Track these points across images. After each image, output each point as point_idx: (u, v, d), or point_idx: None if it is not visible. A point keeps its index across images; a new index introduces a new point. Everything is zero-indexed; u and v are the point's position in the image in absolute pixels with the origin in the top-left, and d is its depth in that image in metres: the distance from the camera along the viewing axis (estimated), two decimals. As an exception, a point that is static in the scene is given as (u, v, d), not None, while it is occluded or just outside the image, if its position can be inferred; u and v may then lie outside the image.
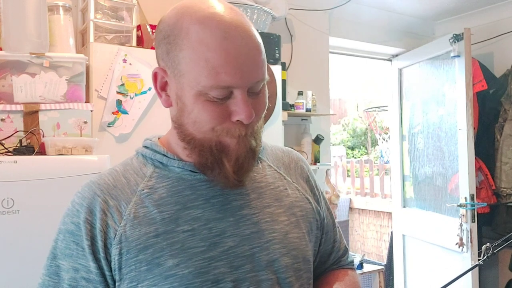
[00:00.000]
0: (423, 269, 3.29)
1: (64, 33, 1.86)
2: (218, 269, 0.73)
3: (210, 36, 0.69)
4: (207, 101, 0.72)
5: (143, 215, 0.75)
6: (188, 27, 0.71)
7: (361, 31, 3.32)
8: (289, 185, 0.87)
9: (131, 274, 0.72)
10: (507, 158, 3.10)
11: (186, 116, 0.74)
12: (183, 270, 0.72)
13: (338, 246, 0.96)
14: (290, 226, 0.82)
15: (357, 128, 11.89)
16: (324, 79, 3.08)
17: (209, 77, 0.70)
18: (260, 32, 2.39)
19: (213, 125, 0.73)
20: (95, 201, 0.76)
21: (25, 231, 1.40)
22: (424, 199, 3.32)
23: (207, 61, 0.69)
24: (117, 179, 0.79)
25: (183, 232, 0.74)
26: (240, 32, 0.71)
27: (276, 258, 0.78)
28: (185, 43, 0.71)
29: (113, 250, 0.73)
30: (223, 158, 0.74)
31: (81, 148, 1.63)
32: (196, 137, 0.75)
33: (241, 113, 0.71)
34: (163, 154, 0.80)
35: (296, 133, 2.88)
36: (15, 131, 1.64)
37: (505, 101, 3.17)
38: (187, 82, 0.72)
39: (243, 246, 0.76)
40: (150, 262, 0.72)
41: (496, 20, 3.36)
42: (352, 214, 6.18)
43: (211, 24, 0.70)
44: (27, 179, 1.43)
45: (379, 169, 7.26)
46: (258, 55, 0.73)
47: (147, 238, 0.73)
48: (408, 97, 3.52)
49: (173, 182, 0.78)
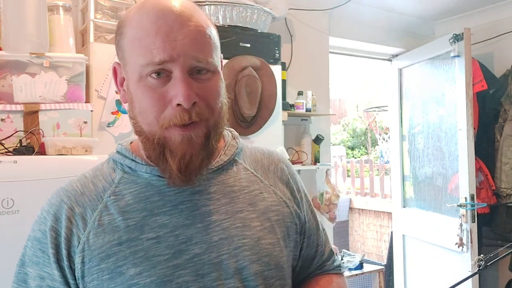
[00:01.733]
0: (423, 269, 3.29)
1: (64, 33, 1.86)
2: (182, 277, 0.71)
3: (146, 18, 0.70)
4: (147, 86, 0.70)
5: (108, 222, 0.73)
6: (132, 15, 0.73)
7: (361, 31, 3.32)
8: (265, 189, 0.83)
9: (93, 282, 0.71)
10: (507, 158, 3.10)
11: (134, 106, 0.73)
12: (145, 279, 0.70)
13: (322, 250, 0.92)
14: (263, 232, 0.78)
15: (357, 128, 11.89)
16: (324, 79, 3.08)
17: (143, 55, 0.69)
18: (260, 32, 2.39)
19: (155, 114, 0.70)
20: (61, 208, 0.75)
21: (25, 231, 1.39)
22: (424, 199, 3.32)
23: (141, 41, 0.70)
24: (85, 185, 0.78)
25: (147, 240, 0.72)
26: (176, 13, 0.70)
27: (245, 265, 0.74)
28: (127, 30, 0.73)
29: (76, 258, 0.72)
30: (166, 154, 0.71)
31: (81, 148, 1.63)
32: (144, 130, 0.73)
33: (179, 95, 0.68)
34: (132, 159, 0.79)
35: (296, 133, 2.88)
36: (15, 131, 1.64)
37: (505, 101, 3.17)
38: (130, 68, 0.72)
39: (211, 253, 0.73)
40: (112, 270, 0.71)
41: (496, 20, 3.36)
42: (352, 214, 6.18)
43: (149, 9, 0.71)
44: (27, 179, 1.43)
45: (379, 169, 7.25)
46: (196, 33, 0.70)
47: (110, 246, 0.72)
48: (408, 97, 3.52)
49: (141, 188, 0.76)
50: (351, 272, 2.97)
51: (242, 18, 2.28)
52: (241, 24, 2.29)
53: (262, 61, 2.30)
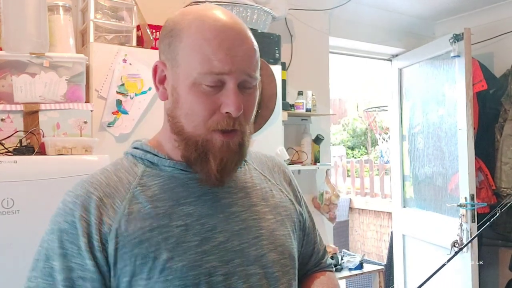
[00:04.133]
0: (423, 269, 3.28)
1: (64, 33, 1.86)
2: (210, 262, 0.75)
3: (208, 28, 0.75)
4: (200, 92, 0.75)
5: (138, 210, 0.77)
6: (190, 22, 0.77)
7: (361, 31, 3.32)
8: (273, 187, 0.91)
9: (126, 268, 0.73)
10: (507, 158, 3.10)
11: (179, 107, 0.78)
12: (177, 263, 0.74)
13: (318, 248, 1.00)
14: (276, 224, 0.85)
15: (357, 128, 11.89)
16: (324, 79, 3.08)
17: (202, 64, 0.74)
18: (260, 32, 2.39)
19: (204, 118, 0.76)
20: (89, 199, 0.76)
21: (25, 231, 1.40)
22: (424, 199, 3.32)
23: (202, 49, 0.74)
24: (109, 177, 0.80)
25: (176, 227, 0.76)
26: (235, 29, 0.77)
27: (264, 253, 0.81)
28: (185, 34, 0.76)
29: (109, 245, 0.74)
30: (209, 155, 0.77)
31: (81, 148, 1.63)
32: (185, 130, 0.78)
33: (230, 104, 0.75)
34: (154, 154, 0.83)
35: (296, 133, 2.88)
36: (15, 131, 1.64)
37: (505, 101, 3.17)
38: (183, 72, 0.76)
39: (233, 241, 0.79)
40: (145, 256, 0.73)
41: (496, 20, 3.36)
42: (352, 214, 6.18)
43: (210, 21, 0.76)
44: (27, 179, 1.43)
45: (379, 169, 7.25)
46: (251, 50, 0.78)
47: (143, 232, 0.75)
48: (408, 97, 3.52)
49: (165, 180, 0.80)
50: (351, 272, 2.96)
51: (242, 18, 2.28)
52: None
53: (262, 61, 2.30)
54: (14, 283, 1.36)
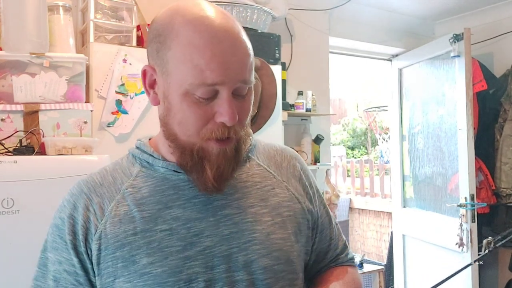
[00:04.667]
0: (423, 269, 3.29)
1: (64, 33, 1.86)
2: (192, 268, 0.74)
3: (198, 37, 0.71)
4: (193, 102, 0.73)
5: (124, 213, 0.77)
6: (178, 28, 0.73)
7: (361, 31, 3.32)
8: (278, 184, 0.86)
9: (108, 269, 0.75)
10: (507, 158, 3.10)
11: (172, 116, 0.76)
12: (157, 268, 0.73)
13: (336, 244, 0.95)
14: (274, 227, 0.81)
15: (357, 128, 11.90)
16: (324, 79, 3.08)
17: (195, 76, 0.71)
18: (260, 32, 2.39)
19: (198, 127, 0.74)
20: (80, 198, 0.79)
21: (25, 231, 1.40)
22: (424, 199, 3.32)
23: (193, 61, 0.71)
24: (104, 177, 0.82)
25: (160, 231, 0.76)
26: (228, 35, 0.72)
27: (254, 259, 0.77)
28: (174, 43, 0.73)
29: (93, 245, 0.76)
30: (205, 163, 0.75)
31: (81, 148, 1.63)
32: (179, 138, 0.76)
33: (224, 115, 0.72)
34: (150, 154, 0.83)
35: (296, 133, 2.88)
36: (15, 131, 1.64)
37: (505, 101, 3.17)
38: (174, 81, 0.73)
39: (221, 246, 0.76)
40: (126, 259, 0.74)
41: (496, 20, 3.36)
42: (352, 214, 6.18)
43: (201, 26, 0.72)
44: (27, 179, 1.43)
45: (379, 169, 7.26)
46: (245, 57, 0.74)
47: (125, 235, 0.75)
48: (408, 97, 3.52)
49: (157, 182, 0.80)
50: (351, 272, 2.97)
51: (242, 18, 2.28)
52: (241, 24, 2.29)
53: (262, 61, 2.30)
54: (14, 283, 1.36)
